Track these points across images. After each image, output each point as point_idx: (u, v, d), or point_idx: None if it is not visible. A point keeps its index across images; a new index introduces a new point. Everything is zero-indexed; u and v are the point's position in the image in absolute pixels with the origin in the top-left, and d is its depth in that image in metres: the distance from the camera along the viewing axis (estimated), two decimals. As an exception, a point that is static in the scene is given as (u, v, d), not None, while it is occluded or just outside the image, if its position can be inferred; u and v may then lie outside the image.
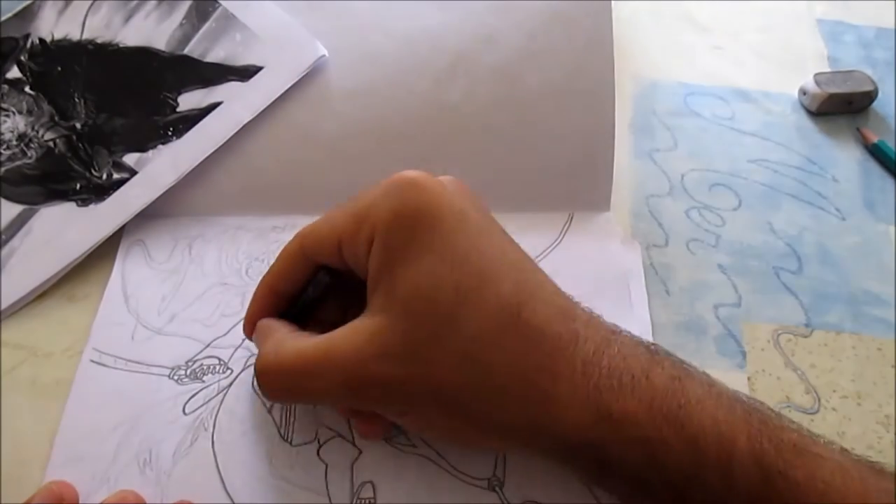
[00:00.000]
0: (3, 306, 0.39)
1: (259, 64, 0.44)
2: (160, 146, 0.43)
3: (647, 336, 0.38)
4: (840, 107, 0.50)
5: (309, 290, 0.34)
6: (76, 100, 0.44)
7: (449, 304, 0.27)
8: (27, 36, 0.46)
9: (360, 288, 0.30)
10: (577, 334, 0.27)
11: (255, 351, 0.37)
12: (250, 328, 0.34)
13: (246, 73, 0.44)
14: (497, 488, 0.33)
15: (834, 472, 0.26)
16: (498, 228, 0.30)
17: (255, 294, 0.34)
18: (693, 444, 0.26)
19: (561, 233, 0.42)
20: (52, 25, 0.46)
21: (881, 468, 0.27)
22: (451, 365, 0.27)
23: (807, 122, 0.50)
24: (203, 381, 0.36)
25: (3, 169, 0.42)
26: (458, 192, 0.30)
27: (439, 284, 0.27)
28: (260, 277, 0.34)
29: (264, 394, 0.32)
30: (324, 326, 0.32)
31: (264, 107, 0.43)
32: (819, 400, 0.37)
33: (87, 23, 0.46)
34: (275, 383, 0.31)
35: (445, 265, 0.28)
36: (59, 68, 0.45)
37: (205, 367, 0.37)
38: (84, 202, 0.42)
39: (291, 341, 0.31)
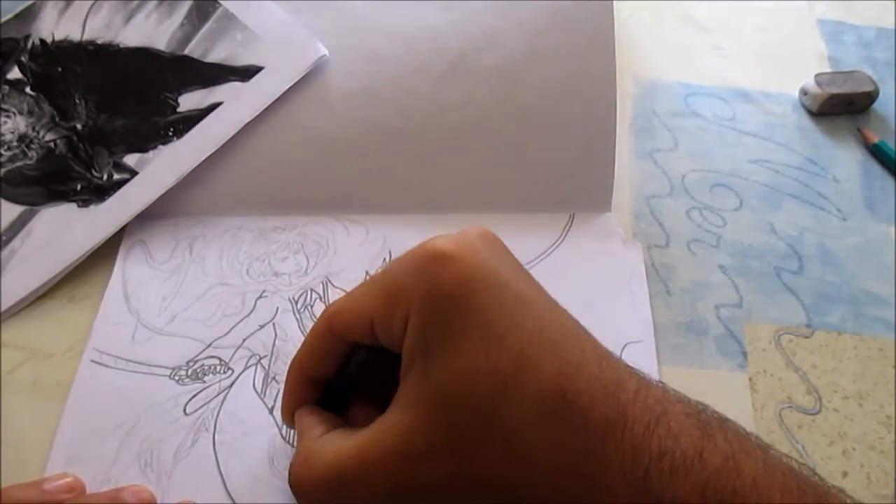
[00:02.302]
0: (4, 307, 0.39)
1: (259, 64, 0.44)
2: (161, 147, 0.43)
3: (650, 337, 0.38)
4: (841, 107, 0.50)
5: (349, 368, 0.32)
6: (77, 100, 0.44)
7: (487, 395, 0.26)
8: (28, 37, 0.46)
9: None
10: (624, 414, 0.25)
11: (257, 352, 0.37)
12: (289, 417, 0.32)
13: (246, 73, 0.44)
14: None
15: None
16: (535, 290, 0.29)
17: (287, 379, 0.32)
18: None
19: (562, 234, 0.42)
20: (53, 26, 0.46)
21: None
22: (494, 458, 0.26)
23: (807, 123, 0.50)
24: (204, 382, 0.36)
25: (3, 170, 0.42)
26: (490, 252, 0.28)
27: (475, 373, 0.26)
28: (261, 277, 0.34)
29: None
30: (369, 404, 0.31)
31: (265, 107, 0.43)
32: (820, 400, 0.37)
33: (87, 23, 0.46)
34: (309, 493, 0.29)
35: (481, 351, 0.26)
36: (60, 69, 0.45)
37: (205, 368, 0.37)
38: (85, 203, 0.42)
39: (322, 446, 0.29)
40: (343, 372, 0.32)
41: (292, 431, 0.34)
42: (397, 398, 0.28)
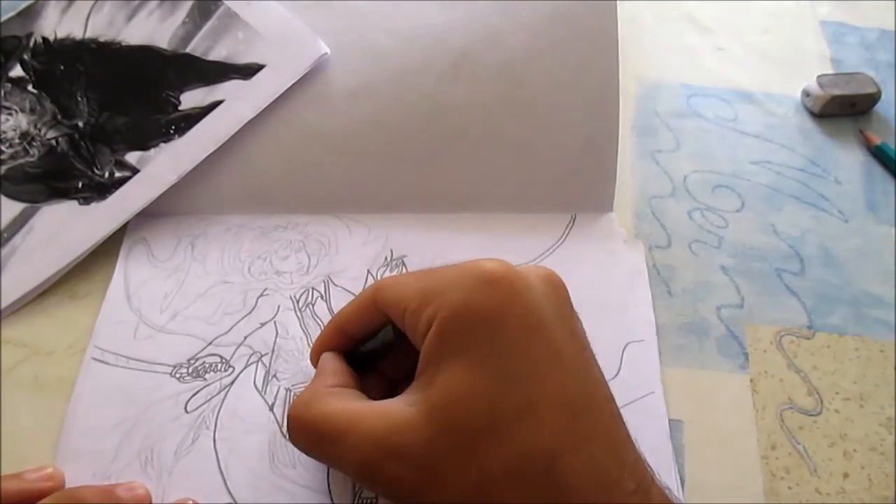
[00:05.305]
0: (5, 304, 0.39)
1: (261, 62, 0.44)
2: (162, 144, 0.42)
3: (651, 337, 0.38)
4: (843, 109, 0.50)
5: (374, 340, 0.33)
6: (79, 98, 0.44)
7: (476, 431, 0.25)
8: (30, 35, 0.46)
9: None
10: None
11: (258, 349, 0.37)
12: (315, 359, 0.33)
13: (248, 71, 0.44)
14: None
15: None
16: (574, 347, 0.27)
17: (325, 328, 0.34)
18: None
19: (564, 234, 0.42)
20: (55, 24, 0.46)
21: None
22: (462, 491, 0.25)
23: (809, 124, 0.50)
24: (205, 379, 0.36)
25: (5, 167, 0.42)
26: (542, 292, 0.27)
27: (476, 402, 0.25)
28: (262, 276, 0.34)
29: (289, 436, 0.31)
30: (384, 380, 0.32)
31: (266, 105, 0.43)
32: (821, 402, 0.37)
33: (90, 21, 0.46)
34: (297, 433, 0.30)
35: (490, 383, 0.25)
36: (62, 67, 0.45)
37: (206, 365, 0.37)
38: (86, 200, 0.42)
39: (325, 398, 0.29)
40: (367, 341, 0.33)
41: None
42: (406, 392, 0.28)
